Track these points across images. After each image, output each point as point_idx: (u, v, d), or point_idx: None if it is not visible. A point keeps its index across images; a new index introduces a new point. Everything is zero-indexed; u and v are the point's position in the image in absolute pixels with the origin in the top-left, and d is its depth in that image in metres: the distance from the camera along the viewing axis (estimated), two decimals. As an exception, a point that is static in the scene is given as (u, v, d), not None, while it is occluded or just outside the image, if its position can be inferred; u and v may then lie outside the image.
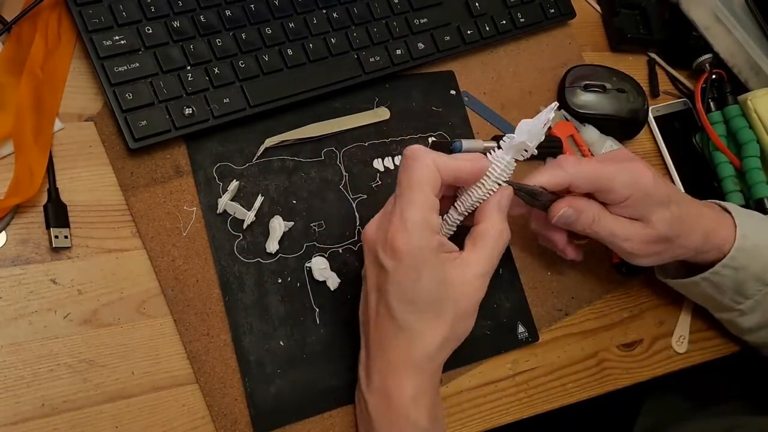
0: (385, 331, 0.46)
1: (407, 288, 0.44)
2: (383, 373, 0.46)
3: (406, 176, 0.45)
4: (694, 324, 0.66)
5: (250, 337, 0.50)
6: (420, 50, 0.60)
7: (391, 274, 0.44)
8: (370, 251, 0.46)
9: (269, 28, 0.55)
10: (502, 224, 0.48)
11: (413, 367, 0.46)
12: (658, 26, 0.73)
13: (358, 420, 0.50)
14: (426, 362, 0.46)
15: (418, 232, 0.44)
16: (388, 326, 0.46)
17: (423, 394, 0.46)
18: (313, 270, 0.53)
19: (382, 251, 0.45)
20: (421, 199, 0.44)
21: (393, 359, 0.46)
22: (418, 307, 0.45)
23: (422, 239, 0.44)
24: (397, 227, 0.44)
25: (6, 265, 0.46)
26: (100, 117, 0.51)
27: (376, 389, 0.47)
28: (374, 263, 0.46)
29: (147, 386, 0.48)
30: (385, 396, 0.46)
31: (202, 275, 0.50)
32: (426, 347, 0.46)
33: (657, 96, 0.73)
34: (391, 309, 0.45)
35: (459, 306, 0.46)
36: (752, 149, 0.67)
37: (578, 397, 0.60)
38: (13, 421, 0.44)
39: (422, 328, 0.45)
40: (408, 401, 0.46)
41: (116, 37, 0.50)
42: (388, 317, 0.45)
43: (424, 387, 0.46)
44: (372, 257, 0.46)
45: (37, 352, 0.46)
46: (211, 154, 0.53)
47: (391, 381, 0.46)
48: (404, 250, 0.44)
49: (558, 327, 0.61)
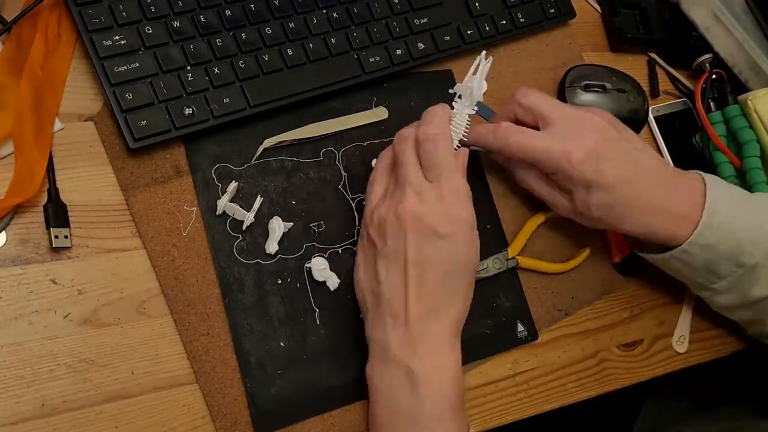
0: (434, 301, 0.48)
1: (462, 253, 0.49)
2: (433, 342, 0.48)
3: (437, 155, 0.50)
4: (695, 324, 0.66)
5: (250, 338, 0.50)
6: (420, 50, 0.60)
7: (450, 240, 0.48)
8: (419, 225, 0.48)
9: (269, 28, 0.55)
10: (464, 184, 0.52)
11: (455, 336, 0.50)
12: (658, 26, 0.73)
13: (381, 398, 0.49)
14: (460, 330, 0.50)
15: (470, 202, 0.50)
16: (436, 296, 0.48)
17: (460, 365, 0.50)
18: (312, 270, 0.53)
19: (440, 221, 0.48)
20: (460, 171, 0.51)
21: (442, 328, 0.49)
22: (466, 271, 0.50)
23: (472, 209, 0.50)
24: (453, 198, 0.49)
25: (6, 265, 0.46)
26: (100, 117, 0.51)
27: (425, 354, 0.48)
28: (423, 236, 0.48)
29: (147, 386, 0.48)
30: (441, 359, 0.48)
31: (202, 275, 0.50)
32: (463, 313, 0.51)
33: (657, 96, 0.73)
34: (443, 277, 0.48)
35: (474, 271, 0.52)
36: (752, 149, 0.67)
37: (578, 397, 0.60)
38: (13, 421, 0.44)
39: (463, 293, 0.50)
40: (458, 367, 0.49)
41: (116, 37, 0.50)
42: (438, 286, 0.48)
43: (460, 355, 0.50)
44: (420, 231, 0.48)
45: (37, 352, 0.46)
46: (209, 155, 0.53)
47: (443, 348, 0.49)
48: (463, 218, 0.49)
49: (558, 327, 0.61)
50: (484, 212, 0.60)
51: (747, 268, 0.53)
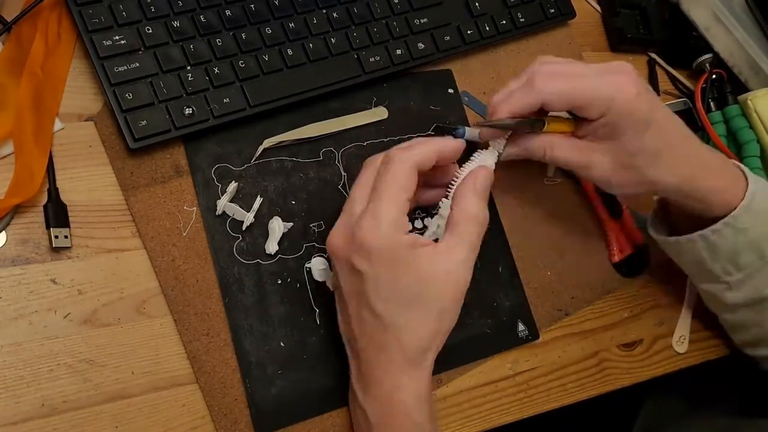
0: (373, 336, 0.46)
1: (386, 286, 0.44)
2: (381, 379, 0.46)
3: (381, 180, 0.45)
4: (695, 324, 0.66)
5: (250, 338, 0.50)
6: (420, 50, 0.60)
7: (368, 275, 0.44)
8: (340, 259, 0.46)
9: (269, 28, 0.55)
10: (478, 207, 0.46)
11: (410, 365, 0.46)
12: (658, 26, 0.73)
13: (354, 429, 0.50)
14: (421, 357, 0.46)
15: (390, 231, 0.44)
16: (376, 329, 0.45)
17: (423, 394, 0.46)
18: (312, 270, 0.53)
19: (356, 254, 0.44)
20: (396, 199, 0.44)
21: (388, 362, 0.45)
22: (401, 303, 0.45)
23: (394, 236, 0.44)
24: (369, 227, 0.44)
25: (6, 265, 0.46)
26: (100, 117, 0.51)
27: (375, 397, 0.46)
28: (347, 270, 0.45)
29: (147, 386, 0.48)
30: (387, 401, 0.46)
31: (202, 275, 0.50)
32: (418, 341, 0.45)
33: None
34: (375, 310, 0.45)
35: (443, 297, 0.45)
36: (752, 149, 0.67)
37: (578, 397, 0.60)
38: (13, 421, 0.44)
39: (409, 322, 0.45)
40: (411, 403, 0.45)
41: (116, 37, 0.50)
42: (373, 320, 0.45)
43: (423, 387, 0.46)
44: (343, 264, 0.46)
45: (37, 352, 0.46)
46: (209, 155, 0.53)
47: (390, 385, 0.46)
48: (377, 248, 0.43)
49: (558, 327, 0.61)
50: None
51: (766, 261, 0.53)
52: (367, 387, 0.47)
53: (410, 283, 0.44)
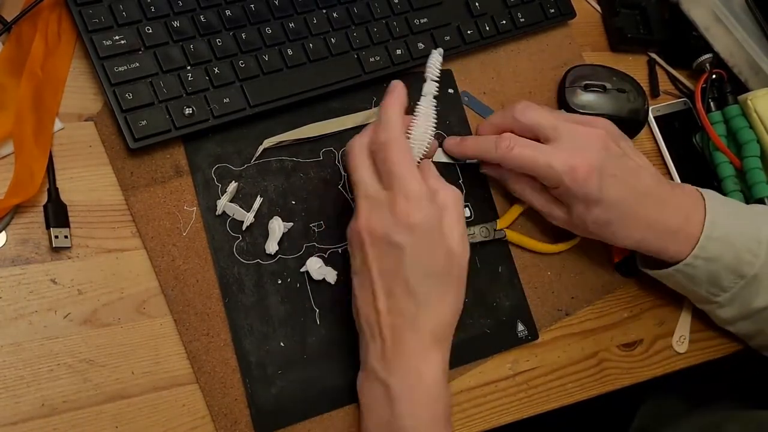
0: (404, 312, 0.47)
1: (424, 259, 0.46)
2: (409, 354, 0.47)
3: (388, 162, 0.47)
4: (695, 324, 0.66)
5: (250, 338, 0.50)
6: (420, 50, 0.60)
7: (408, 250, 0.46)
8: (377, 238, 0.47)
9: (269, 28, 0.55)
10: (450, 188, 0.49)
11: (439, 341, 0.48)
12: (658, 26, 0.73)
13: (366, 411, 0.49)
14: (448, 333, 0.48)
15: (427, 204, 0.46)
16: (407, 305, 0.47)
17: (446, 367, 0.48)
18: (309, 271, 0.53)
19: (395, 230, 0.46)
20: (414, 174, 0.47)
21: (418, 338, 0.47)
22: (435, 277, 0.47)
23: (431, 210, 0.47)
24: (405, 204, 0.46)
25: (6, 265, 0.46)
26: (100, 117, 0.51)
27: (402, 371, 0.47)
28: (384, 247, 0.47)
29: (147, 386, 0.48)
30: (416, 374, 0.47)
31: (203, 275, 0.50)
32: (447, 317, 0.48)
33: (657, 96, 0.73)
34: (410, 286, 0.46)
35: (460, 271, 0.48)
36: (752, 149, 0.67)
37: (578, 397, 0.60)
38: (13, 421, 0.44)
39: (441, 298, 0.47)
40: (440, 377, 0.47)
41: (116, 37, 0.50)
42: (406, 296, 0.46)
43: (446, 359, 0.48)
44: (379, 242, 0.47)
45: (37, 352, 0.46)
46: (209, 155, 0.53)
47: (419, 359, 0.47)
48: (419, 222, 0.46)
49: (558, 327, 0.61)
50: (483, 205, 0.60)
51: (748, 278, 0.54)
52: (392, 363, 0.47)
53: (443, 256, 0.47)
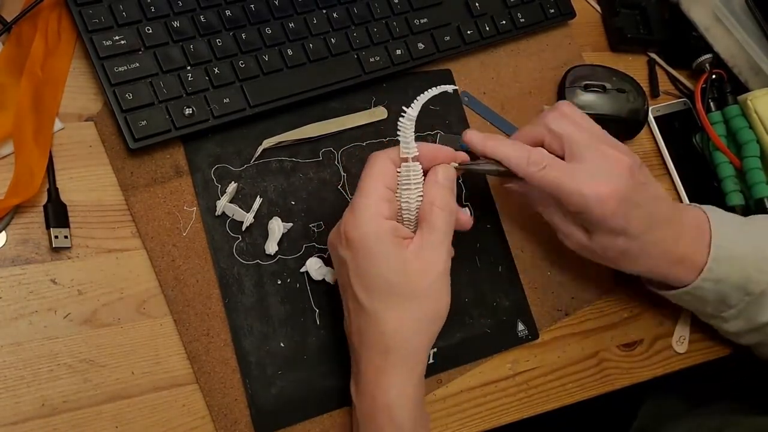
0: (360, 325, 0.47)
1: (366, 274, 0.45)
2: (367, 375, 0.47)
3: (362, 175, 0.47)
4: (695, 324, 0.66)
5: (250, 338, 0.50)
6: (420, 50, 0.60)
7: (350, 264, 0.46)
8: (332, 252, 0.48)
9: (269, 28, 0.55)
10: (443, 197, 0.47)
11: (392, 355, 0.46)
12: (658, 26, 0.73)
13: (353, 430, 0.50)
14: (404, 351, 0.46)
15: (368, 218, 0.45)
16: (360, 318, 0.46)
17: (408, 393, 0.46)
18: (309, 271, 0.53)
19: (340, 245, 0.46)
20: (370, 189, 0.46)
21: (372, 355, 0.46)
22: (381, 291, 0.45)
23: (371, 224, 0.45)
24: (348, 217, 0.46)
25: (6, 265, 0.46)
26: (100, 117, 0.51)
27: (362, 392, 0.47)
28: (337, 261, 0.48)
29: (147, 386, 0.48)
30: (370, 397, 0.46)
31: (202, 275, 0.50)
32: (397, 328, 0.45)
33: (657, 96, 0.73)
34: (359, 300, 0.46)
35: (420, 284, 0.46)
36: (752, 149, 0.67)
37: (578, 397, 0.60)
38: (13, 421, 0.44)
39: (389, 310, 0.45)
40: (393, 399, 0.45)
41: (116, 37, 0.50)
42: (358, 310, 0.46)
43: (408, 384, 0.46)
44: (334, 256, 0.48)
45: (37, 352, 0.46)
46: (208, 156, 0.53)
47: (374, 381, 0.46)
48: (356, 237, 0.45)
49: (558, 327, 0.61)
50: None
51: (755, 296, 0.55)
52: (357, 382, 0.48)
53: (386, 272, 0.45)
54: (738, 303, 0.55)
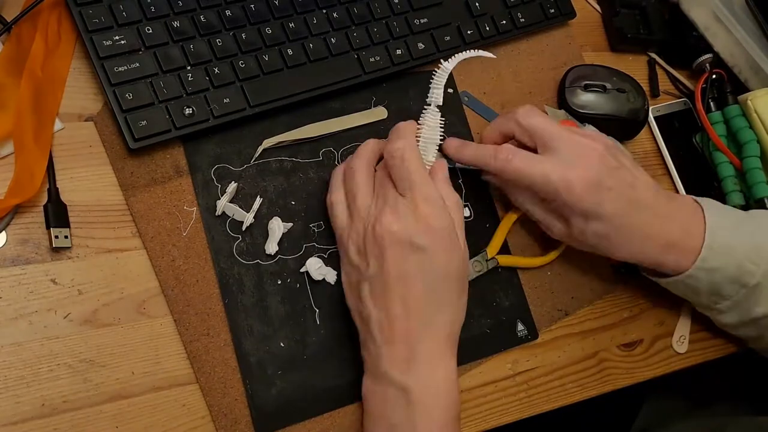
0: (421, 317, 0.48)
1: (443, 262, 0.48)
2: (427, 358, 0.47)
3: (404, 169, 0.49)
4: (695, 324, 0.66)
5: (250, 338, 0.50)
6: (420, 50, 0.60)
7: (429, 251, 0.48)
8: (397, 242, 0.48)
9: (269, 28, 0.55)
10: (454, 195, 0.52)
11: (453, 344, 0.49)
12: (658, 26, 0.73)
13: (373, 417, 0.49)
14: (458, 335, 0.50)
15: (445, 210, 0.49)
16: (425, 310, 0.48)
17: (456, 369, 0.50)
18: (310, 272, 0.52)
19: (417, 234, 0.47)
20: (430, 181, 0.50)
21: (437, 341, 0.48)
22: (453, 280, 0.49)
23: (449, 216, 0.49)
24: (426, 208, 0.48)
25: (6, 265, 0.46)
26: (100, 117, 0.51)
27: (419, 373, 0.47)
28: (407, 249, 0.48)
29: (147, 386, 0.48)
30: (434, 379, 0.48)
31: (203, 275, 0.50)
32: (460, 320, 0.50)
33: (657, 96, 0.73)
34: (429, 289, 0.48)
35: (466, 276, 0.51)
36: (752, 149, 0.67)
37: (578, 397, 0.60)
38: (13, 421, 0.44)
39: (455, 301, 0.49)
40: (454, 380, 0.49)
41: (116, 37, 0.50)
42: (423, 300, 0.48)
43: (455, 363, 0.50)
44: (399, 247, 0.48)
45: (37, 352, 0.46)
46: (208, 156, 0.53)
47: (438, 363, 0.48)
48: (440, 226, 0.48)
49: (558, 327, 0.61)
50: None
51: (749, 288, 0.54)
52: (411, 367, 0.47)
53: (458, 260, 0.49)
54: (733, 295, 0.55)
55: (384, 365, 0.48)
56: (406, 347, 0.47)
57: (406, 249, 0.48)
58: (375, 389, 0.49)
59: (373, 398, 0.49)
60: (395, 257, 0.48)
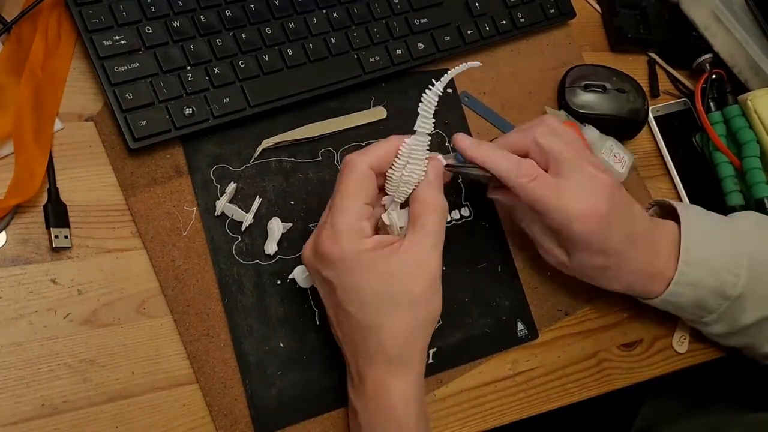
0: (354, 338, 0.47)
1: (353, 291, 0.45)
2: (366, 379, 0.47)
3: (338, 186, 0.46)
4: (694, 324, 0.66)
5: (250, 338, 0.50)
6: (420, 50, 0.60)
7: (336, 283, 0.45)
8: (311, 270, 0.47)
9: (269, 28, 0.55)
10: (434, 197, 0.47)
11: (392, 364, 0.46)
12: (658, 26, 0.73)
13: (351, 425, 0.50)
14: (403, 354, 0.46)
15: (348, 239, 0.45)
16: (355, 332, 0.47)
17: (410, 393, 0.47)
18: (297, 280, 0.52)
19: (322, 265, 0.46)
20: (349, 207, 0.45)
21: (370, 362, 0.46)
22: (372, 304, 0.45)
23: (352, 243, 0.45)
24: (327, 237, 0.45)
25: (6, 265, 0.46)
26: (100, 117, 0.51)
27: (363, 396, 0.47)
28: (319, 279, 0.47)
29: (147, 386, 0.48)
30: (373, 401, 0.46)
31: (202, 275, 0.50)
32: (395, 338, 0.46)
33: (657, 96, 0.73)
34: (349, 315, 0.46)
35: (412, 289, 0.45)
36: (752, 149, 0.67)
37: (578, 397, 0.60)
38: (13, 421, 0.44)
39: (383, 321, 0.45)
40: (397, 402, 0.46)
41: (116, 37, 0.50)
42: (351, 324, 0.46)
43: (410, 386, 0.47)
44: (314, 274, 0.47)
45: (37, 352, 0.46)
46: (207, 156, 0.53)
47: (375, 385, 0.46)
48: (338, 258, 0.45)
49: (558, 327, 0.61)
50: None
51: (732, 299, 0.54)
52: (356, 387, 0.48)
53: (377, 284, 0.45)
54: (717, 307, 0.55)
55: (348, 382, 0.49)
56: (353, 368, 0.48)
57: (318, 278, 0.47)
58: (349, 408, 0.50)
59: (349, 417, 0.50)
60: (316, 283, 0.48)
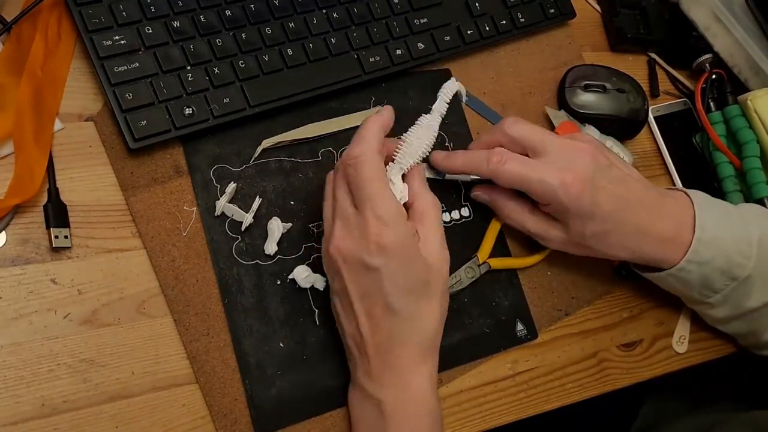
0: (388, 331, 0.47)
1: (401, 279, 0.46)
2: (399, 370, 0.47)
3: (359, 179, 0.47)
4: (695, 324, 0.66)
5: (250, 339, 0.50)
6: (420, 50, 0.60)
7: (384, 271, 0.46)
8: (351, 260, 0.47)
9: (269, 28, 0.55)
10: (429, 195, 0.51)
11: (426, 353, 0.48)
12: (658, 26, 0.73)
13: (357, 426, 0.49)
14: (435, 342, 0.49)
15: (399, 224, 0.46)
16: (390, 324, 0.47)
17: (435, 377, 0.49)
18: (297, 280, 0.52)
19: (369, 253, 0.46)
20: (385, 193, 0.47)
21: (407, 353, 0.47)
22: (415, 292, 0.47)
23: (404, 229, 0.47)
24: (377, 226, 0.46)
25: (6, 265, 0.46)
26: (100, 117, 0.51)
27: (392, 386, 0.47)
28: (360, 270, 0.47)
29: (147, 386, 0.48)
30: (406, 389, 0.47)
31: (203, 275, 0.50)
32: (432, 327, 0.48)
33: (657, 96, 0.73)
34: (390, 305, 0.46)
35: (440, 279, 0.49)
36: (752, 149, 0.67)
37: (578, 397, 0.60)
38: (13, 421, 0.44)
39: (423, 310, 0.48)
40: (429, 389, 0.48)
41: (116, 37, 0.50)
42: (387, 315, 0.47)
43: (435, 370, 0.49)
44: (354, 265, 0.47)
45: (37, 352, 0.46)
46: (207, 156, 0.53)
47: (410, 374, 0.48)
48: (393, 244, 0.46)
49: (558, 327, 0.61)
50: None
51: (740, 280, 0.55)
52: (382, 379, 0.48)
53: (420, 271, 0.47)
54: (723, 288, 0.55)
55: (360, 378, 0.49)
56: (377, 360, 0.47)
57: (359, 269, 0.46)
58: (354, 401, 0.50)
59: (353, 409, 0.50)
60: (351, 277, 0.47)
